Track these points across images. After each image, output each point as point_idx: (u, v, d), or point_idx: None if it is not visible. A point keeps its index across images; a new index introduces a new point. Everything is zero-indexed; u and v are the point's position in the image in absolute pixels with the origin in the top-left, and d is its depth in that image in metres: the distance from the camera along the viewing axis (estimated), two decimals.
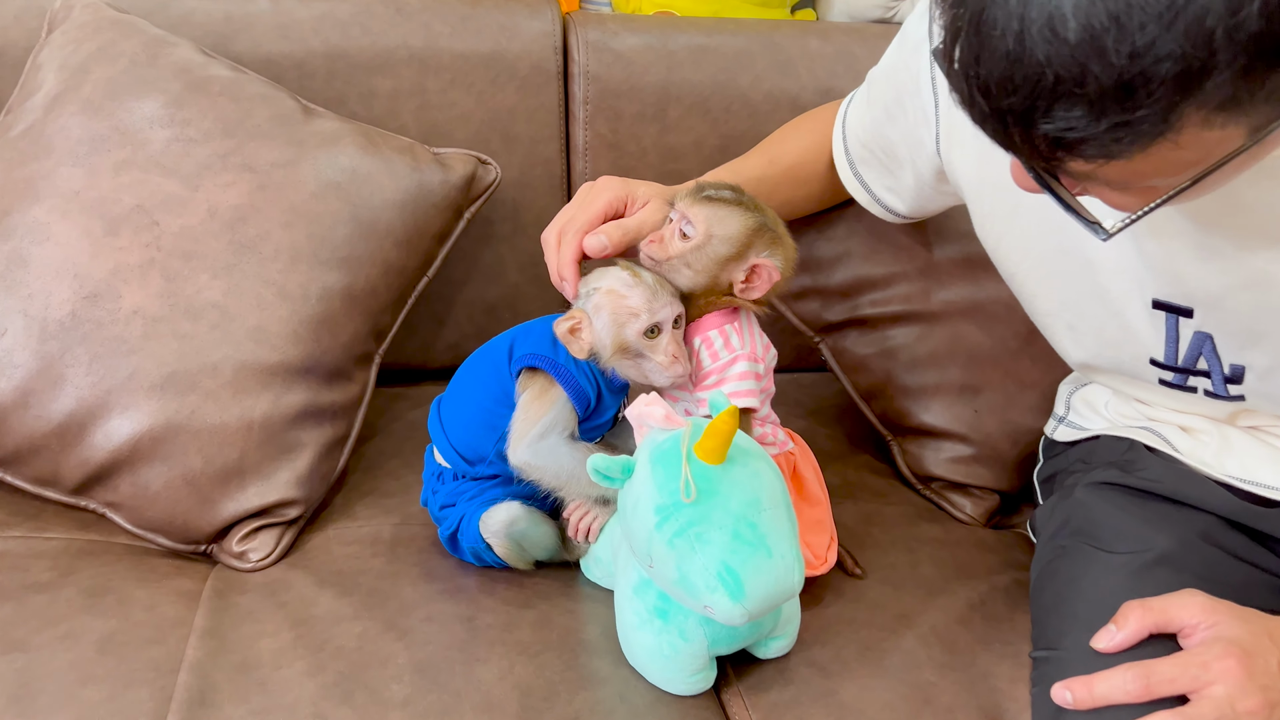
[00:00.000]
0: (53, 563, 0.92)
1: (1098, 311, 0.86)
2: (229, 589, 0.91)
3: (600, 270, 0.89)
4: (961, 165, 0.92)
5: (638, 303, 0.85)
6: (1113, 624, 0.75)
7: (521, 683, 0.82)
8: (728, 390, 0.88)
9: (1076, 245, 0.84)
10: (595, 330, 0.87)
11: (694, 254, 0.87)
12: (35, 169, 1.00)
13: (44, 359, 0.94)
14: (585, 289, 0.88)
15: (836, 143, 1.07)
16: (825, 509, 0.99)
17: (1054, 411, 1.08)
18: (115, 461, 0.94)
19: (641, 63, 1.29)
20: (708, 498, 0.75)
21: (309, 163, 1.06)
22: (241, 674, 0.81)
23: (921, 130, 0.94)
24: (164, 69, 1.07)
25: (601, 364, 0.88)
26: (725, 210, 0.87)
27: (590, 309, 0.87)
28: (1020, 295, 0.96)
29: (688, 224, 0.87)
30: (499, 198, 1.28)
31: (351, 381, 1.06)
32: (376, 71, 1.23)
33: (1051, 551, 0.89)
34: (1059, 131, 0.54)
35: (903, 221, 1.10)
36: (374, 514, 1.04)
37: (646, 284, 0.86)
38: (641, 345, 0.86)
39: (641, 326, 0.85)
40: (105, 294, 0.96)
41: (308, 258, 1.02)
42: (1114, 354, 0.89)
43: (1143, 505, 0.87)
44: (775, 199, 0.99)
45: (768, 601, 0.74)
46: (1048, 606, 0.85)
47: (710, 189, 0.89)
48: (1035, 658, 0.84)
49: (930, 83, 0.91)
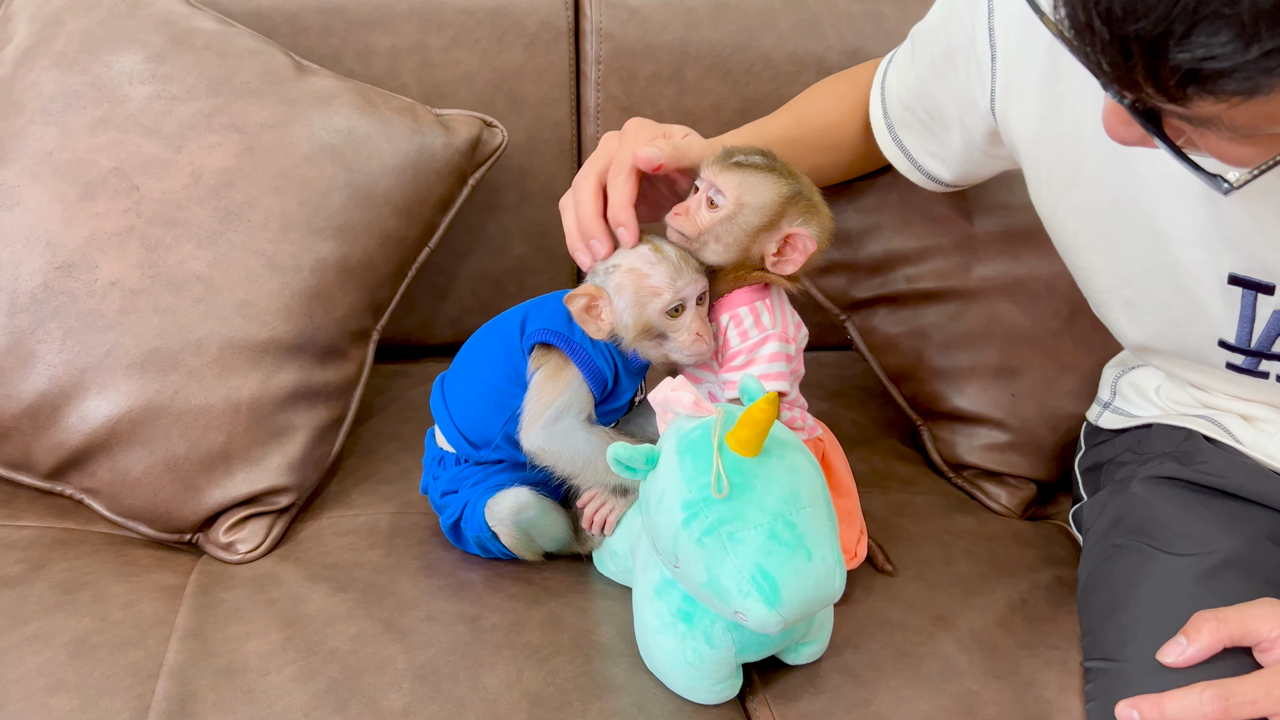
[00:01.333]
0: (24, 554, 0.86)
1: (1163, 287, 0.79)
2: (214, 584, 0.85)
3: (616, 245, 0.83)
4: (1019, 124, 0.84)
5: (661, 281, 0.79)
6: (1182, 636, 0.69)
7: (530, 690, 0.75)
8: (757, 372, 0.81)
9: (1143, 213, 0.77)
10: (616, 310, 0.80)
11: (723, 225, 0.80)
12: (4, 128, 0.93)
13: (13, 334, 0.87)
14: (604, 265, 0.81)
15: (874, 104, 0.99)
16: (854, 500, 0.92)
17: (1098, 396, 1.01)
18: (92, 445, 0.88)
19: (658, 20, 1.21)
20: (741, 493, 0.68)
21: (301, 124, 0.98)
22: (226, 680, 0.74)
23: (974, 87, 0.86)
24: (145, 20, 0.99)
25: (623, 346, 0.82)
26: (757, 177, 0.80)
27: (611, 289, 0.80)
28: (1075, 269, 0.88)
29: (716, 193, 0.80)
30: (505, 164, 1.20)
31: (347, 360, 0.99)
32: (374, 27, 1.15)
33: (1105, 551, 0.83)
34: (1196, 62, 0.46)
35: (943, 190, 1.02)
36: (371, 501, 0.97)
37: (670, 260, 0.79)
38: (664, 324, 0.80)
39: (664, 305, 0.79)
40: (80, 264, 0.88)
41: (300, 226, 0.95)
42: (1177, 334, 0.82)
43: (1205, 502, 0.80)
44: (802, 165, 0.92)
45: (806, 608, 0.68)
46: (1103, 612, 0.79)
47: (739, 154, 0.81)
48: (1090, 667, 0.78)
49: (987, 34, 0.84)
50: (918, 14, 1.28)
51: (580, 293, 0.80)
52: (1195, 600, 0.71)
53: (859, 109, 1.01)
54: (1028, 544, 1.00)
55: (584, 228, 0.81)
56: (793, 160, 0.89)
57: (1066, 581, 0.93)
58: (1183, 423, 0.88)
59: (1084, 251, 0.85)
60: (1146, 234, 0.78)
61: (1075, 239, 0.85)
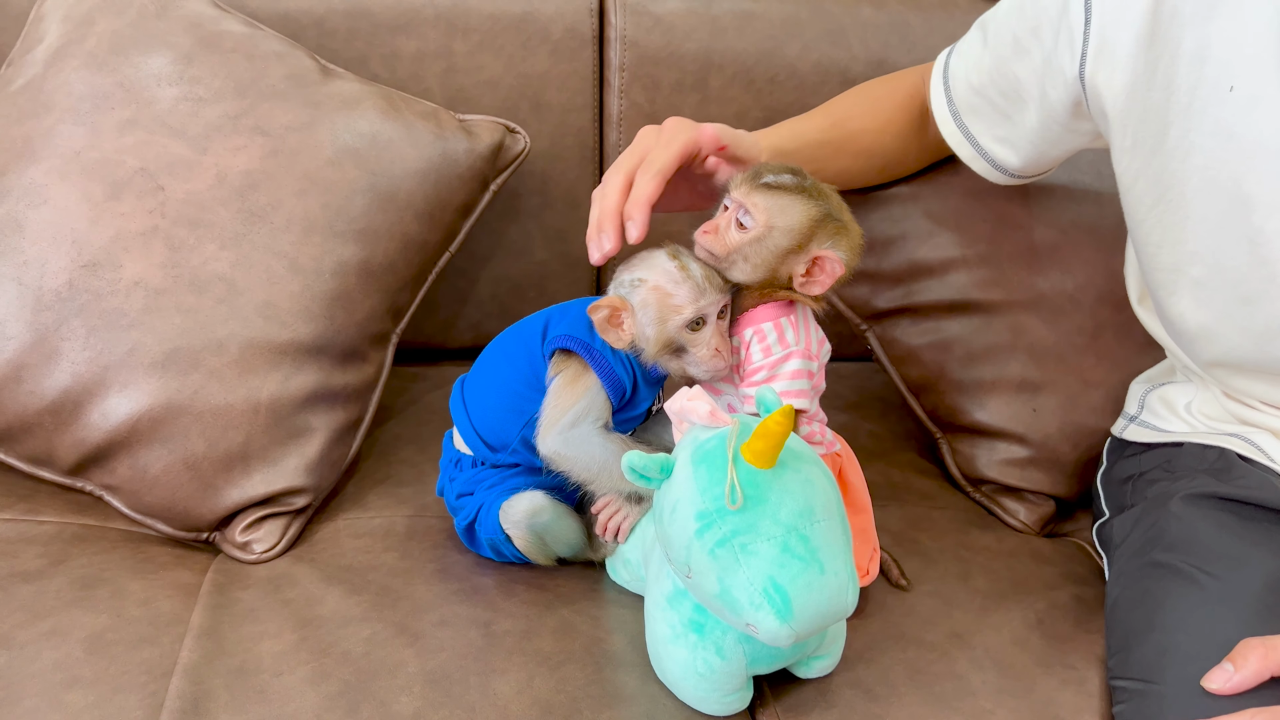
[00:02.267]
0: (44, 549, 0.86)
1: (1240, 260, 0.77)
2: (230, 583, 0.85)
3: (643, 255, 0.82)
4: (1108, 89, 0.82)
5: (684, 299, 0.79)
6: (1229, 662, 0.68)
7: (541, 698, 0.75)
8: (779, 388, 0.81)
9: (1230, 179, 0.75)
10: (639, 324, 0.80)
11: (752, 247, 0.80)
12: (34, 127, 0.94)
13: (38, 331, 0.88)
14: (630, 276, 0.81)
15: (936, 94, 0.99)
16: (869, 517, 0.91)
17: (1124, 410, 0.99)
18: (113, 442, 0.88)
19: (682, 28, 1.21)
20: (755, 505, 0.67)
21: (326, 127, 0.99)
22: (239, 679, 0.74)
23: (1063, 55, 0.85)
24: (174, 22, 1.00)
25: (643, 358, 0.82)
26: (787, 199, 0.80)
27: (636, 303, 0.80)
28: (1143, 246, 0.86)
29: (745, 213, 0.80)
30: (527, 169, 1.21)
31: (366, 362, 1.00)
32: (400, 31, 1.16)
33: (1140, 569, 0.81)
34: None
35: (1006, 182, 1.01)
36: (387, 504, 0.98)
37: (694, 279, 0.79)
38: (684, 339, 0.80)
39: (685, 321, 0.79)
40: (105, 263, 0.89)
41: (322, 229, 0.95)
42: (1246, 315, 0.79)
43: (1246, 523, 0.79)
44: (832, 167, 0.91)
45: (817, 622, 0.67)
46: (1137, 630, 0.78)
47: (769, 173, 0.81)
48: (1121, 687, 0.77)
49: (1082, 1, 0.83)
50: (942, 24, 1.28)
51: (604, 304, 0.80)
52: (1244, 627, 0.70)
53: (896, 116, 1.01)
54: (1046, 561, 0.99)
55: (601, 220, 0.81)
56: (825, 162, 0.88)
57: (1085, 600, 0.92)
58: (1214, 441, 0.87)
59: (1157, 225, 0.83)
60: (1229, 201, 0.76)
61: (1151, 212, 0.83)
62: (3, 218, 0.90)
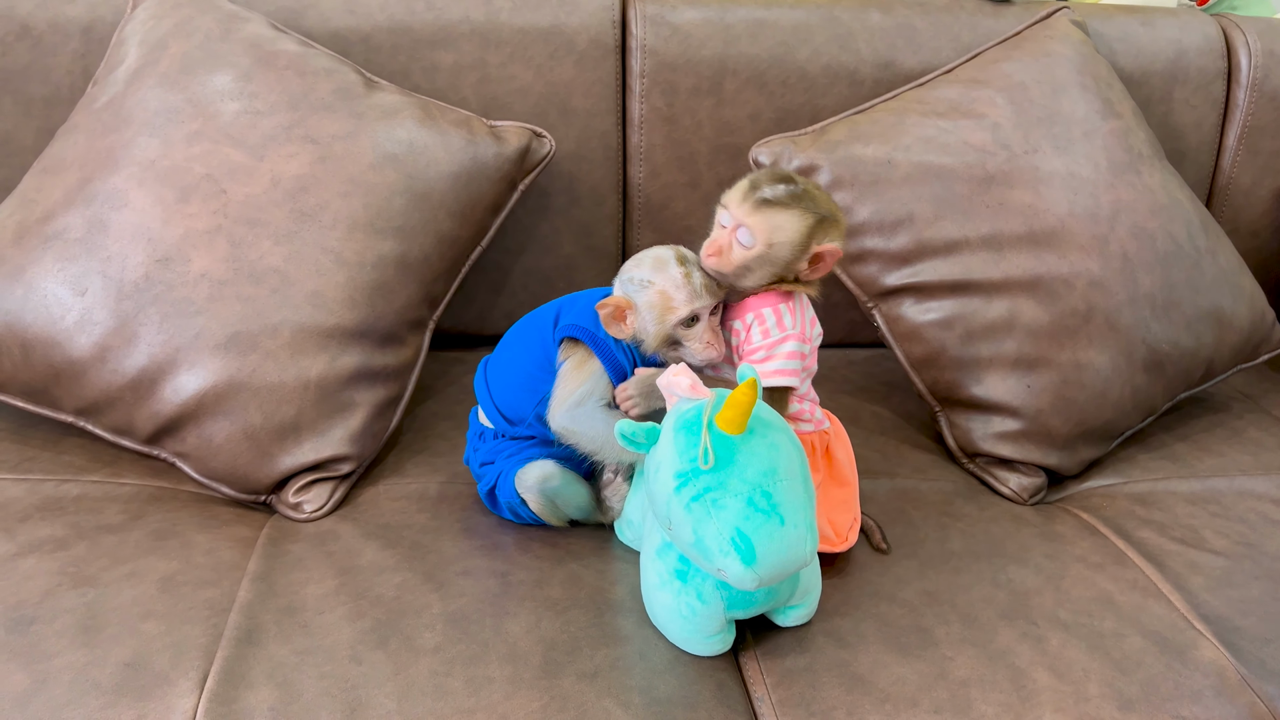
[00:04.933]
0: (125, 506, 0.99)
1: None
2: (282, 537, 0.97)
3: (653, 257, 0.92)
4: None
5: (681, 301, 0.89)
6: None
7: (547, 637, 0.86)
8: (773, 367, 0.90)
9: None
10: (641, 320, 0.91)
11: (756, 261, 0.89)
12: (115, 139, 1.07)
13: (120, 317, 1.01)
14: (640, 276, 0.91)
15: None
16: (852, 490, 1.00)
17: None
18: (182, 415, 1.01)
19: (699, 36, 1.30)
20: (725, 465, 0.77)
21: (368, 135, 1.10)
22: (287, 616, 0.86)
23: None
24: (236, 43, 1.13)
25: (643, 349, 0.93)
26: (783, 216, 0.87)
27: (641, 303, 0.90)
28: None
29: (745, 232, 0.88)
30: (555, 170, 1.31)
31: (404, 345, 1.11)
32: (439, 45, 1.26)
33: None
34: None
35: None
36: (423, 472, 1.09)
37: (694, 286, 0.90)
38: (679, 334, 0.91)
39: (680, 319, 0.90)
40: (176, 258, 1.02)
41: (364, 227, 1.07)
42: None
43: None
44: None
45: (779, 568, 0.76)
46: None
47: (764, 186, 0.88)
48: None
49: None
50: (948, 26, 1.35)
51: (611, 303, 0.91)
52: None
53: None
54: (1027, 524, 1.06)
55: None
56: None
57: (1058, 558, 1.00)
58: None
59: None
60: None
61: None
62: (90, 219, 1.03)
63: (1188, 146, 1.43)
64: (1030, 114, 1.21)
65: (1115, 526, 1.06)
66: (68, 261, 1.01)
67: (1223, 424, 1.29)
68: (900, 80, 1.32)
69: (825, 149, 1.21)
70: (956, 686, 0.84)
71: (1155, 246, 1.19)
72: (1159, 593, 0.96)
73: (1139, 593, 0.95)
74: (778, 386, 0.91)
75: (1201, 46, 1.41)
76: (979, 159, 1.19)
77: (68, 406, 1.04)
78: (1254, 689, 0.85)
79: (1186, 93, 1.41)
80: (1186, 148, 1.43)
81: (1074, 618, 0.91)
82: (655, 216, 1.35)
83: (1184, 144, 1.43)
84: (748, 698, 0.85)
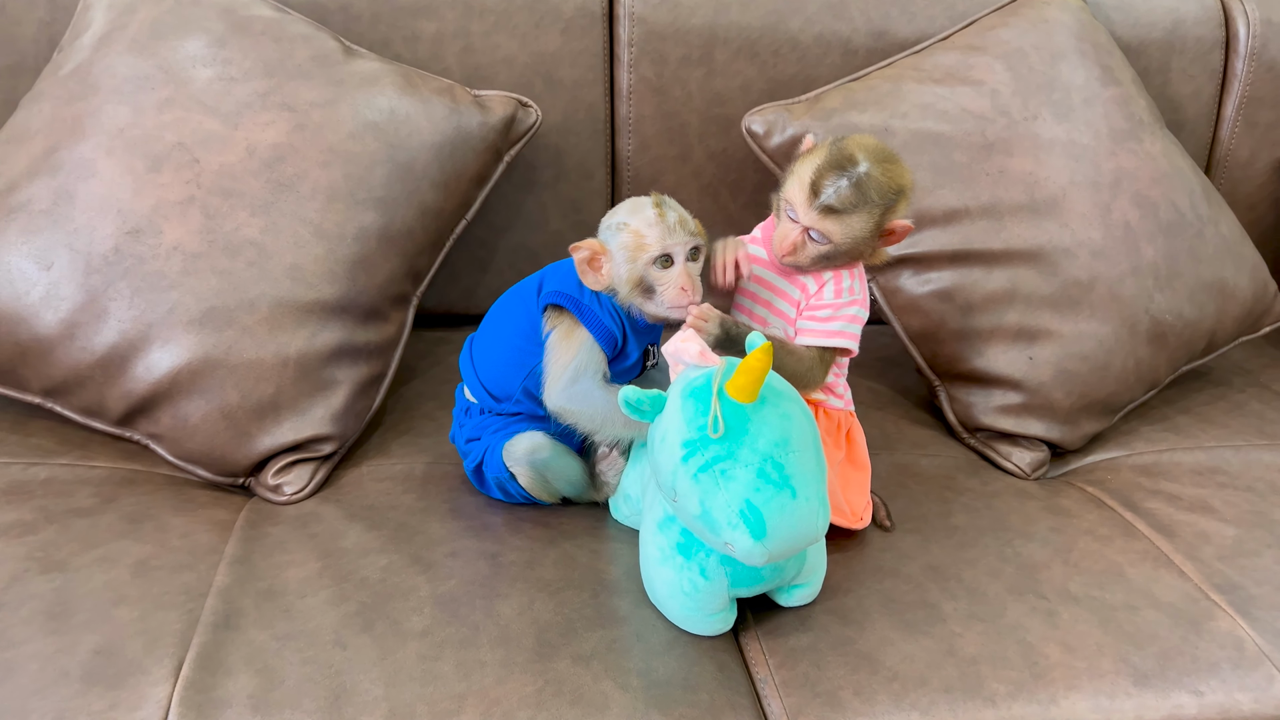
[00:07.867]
0: (96, 490, 0.95)
1: None
2: (262, 520, 0.93)
3: (631, 202, 0.89)
4: None
5: (653, 238, 0.85)
6: None
7: (540, 619, 0.82)
8: (837, 327, 0.92)
9: None
10: (615, 264, 0.86)
11: (832, 252, 0.91)
12: (83, 107, 1.02)
13: (88, 292, 0.96)
14: (615, 220, 0.88)
15: None
16: (867, 475, 0.99)
17: None
18: (156, 394, 0.97)
19: (689, 4, 1.26)
20: (736, 435, 0.74)
21: (348, 103, 1.06)
22: (267, 600, 0.82)
23: None
24: (208, 8, 1.08)
25: (619, 299, 0.88)
26: (855, 218, 0.89)
27: (615, 246, 0.86)
28: None
29: (817, 233, 0.89)
30: (541, 143, 1.27)
31: (387, 321, 1.07)
32: (420, 14, 1.22)
33: None
34: None
35: None
36: (408, 452, 1.05)
37: (667, 223, 0.86)
38: (652, 276, 0.86)
39: (651, 258, 0.85)
40: (147, 230, 0.97)
41: (344, 197, 1.03)
42: None
43: None
44: None
45: (789, 543, 0.73)
46: None
47: (827, 189, 0.87)
48: None
49: None
50: None
51: (585, 245, 0.87)
52: None
53: None
54: (1031, 498, 1.03)
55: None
56: None
57: (1063, 531, 0.97)
58: None
59: None
60: None
61: None
62: (56, 190, 0.98)
63: (1185, 118, 1.41)
64: (1029, 80, 1.19)
65: (1122, 499, 1.04)
66: (33, 234, 0.97)
67: (1224, 397, 1.27)
68: (894, 49, 1.29)
69: (820, 117, 1.17)
70: (966, 664, 0.81)
71: (1158, 215, 1.17)
72: (1170, 564, 0.93)
73: (1150, 564, 0.93)
74: (833, 347, 0.92)
75: (1199, 15, 1.38)
76: (978, 126, 1.16)
77: (34, 387, 1.00)
78: (1271, 660, 0.83)
79: (1184, 63, 1.38)
80: (1184, 119, 1.40)
81: (1084, 591, 0.89)
82: (645, 190, 1.31)
83: (1182, 115, 1.40)
84: (750, 678, 0.81)
